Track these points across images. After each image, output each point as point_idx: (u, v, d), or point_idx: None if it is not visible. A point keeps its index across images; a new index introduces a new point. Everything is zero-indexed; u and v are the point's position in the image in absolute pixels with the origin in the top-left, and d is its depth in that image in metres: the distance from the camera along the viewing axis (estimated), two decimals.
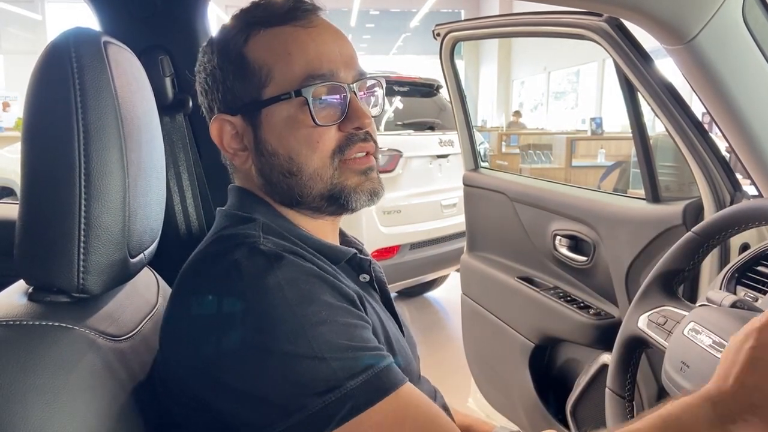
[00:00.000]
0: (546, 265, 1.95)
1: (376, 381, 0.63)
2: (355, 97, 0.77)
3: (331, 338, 0.63)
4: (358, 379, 0.62)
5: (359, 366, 0.63)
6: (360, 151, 0.78)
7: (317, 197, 0.78)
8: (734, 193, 1.37)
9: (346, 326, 0.65)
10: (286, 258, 0.68)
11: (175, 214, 1.25)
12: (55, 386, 0.59)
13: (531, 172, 7.18)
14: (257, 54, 0.76)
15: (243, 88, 0.77)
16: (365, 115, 0.77)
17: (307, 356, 0.62)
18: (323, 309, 0.65)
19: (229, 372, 0.63)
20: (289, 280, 0.65)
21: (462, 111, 2.30)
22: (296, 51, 0.75)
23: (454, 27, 2.09)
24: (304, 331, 0.62)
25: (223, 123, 0.79)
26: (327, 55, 0.76)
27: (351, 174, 0.77)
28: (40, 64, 0.68)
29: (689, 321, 0.91)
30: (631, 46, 1.42)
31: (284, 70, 0.75)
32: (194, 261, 0.73)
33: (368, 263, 0.85)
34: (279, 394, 0.61)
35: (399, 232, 3.63)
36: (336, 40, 0.78)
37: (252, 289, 0.64)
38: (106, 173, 0.68)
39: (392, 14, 17.05)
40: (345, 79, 0.77)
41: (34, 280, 0.69)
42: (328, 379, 0.61)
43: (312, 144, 0.75)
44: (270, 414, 0.61)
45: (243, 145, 0.79)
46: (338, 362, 0.62)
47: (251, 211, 0.78)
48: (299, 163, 0.76)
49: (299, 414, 0.60)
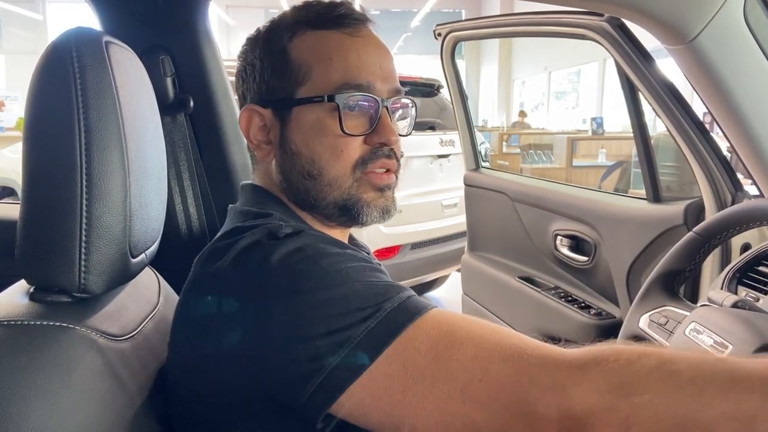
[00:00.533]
0: (547, 265, 1.95)
1: (411, 303, 0.62)
2: (386, 112, 0.77)
3: (357, 276, 0.64)
4: (393, 300, 0.62)
5: (390, 292, 0.63)
6: (382, 167, 0.78)
7: (331, 204, 0.78)
8: (735, 193, 1.37)
9: (368, 269, 0.66)
10: (306, 231, 0.68)
11: (176, 214, 1.25)
12: (56, 386, 0.59)
13: (532, 172, 7.17)
14: (299, 53, 0.77)
15: (279, 83, 0.77)
16: (393, 132, 0.77)
17: (339, 291, 0.61)
18: (345, 259, 0.66)
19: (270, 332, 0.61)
20: (308, 244, 0.66)
21: (463, 111, 2.30)
22: (337, 57, 0.76)
23: (455, 27, 2.09)
24: (329, 273, 0.63)
25: (252, 113, 0.79)
26: (367, 66, 0.76)
27: (368, 188, 0.78)
28: (41, 64, 0.68)
29: (690, 321, 0.91)
30: (632, 46, 1.42)
31: (322, 73, 0.75)
32: (208, 253, 0.71)
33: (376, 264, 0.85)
34: (322, 332, 0.59)
35: (400, 232, 3.63)
36: (379, 53, 0.78)
37: (274, 254, 0.64)
38: (107, 173, 0.68)
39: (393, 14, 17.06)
40: (380, 93, 0.77)
41: (36, 279, 0.69)
42: (365, 306, 0.60)
43: (336, 151, 0.76)
44: (317, 357, 0.59)
45: (268, 139, 0.80)
46: (370, 290, 0.62)
47: (266, 208, 0.78)
48: (320, 167, 0.76)
49: (345, 346, 0.59)
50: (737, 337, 0.82)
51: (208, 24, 1.25)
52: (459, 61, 2.30)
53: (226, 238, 0.71)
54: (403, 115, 0.85)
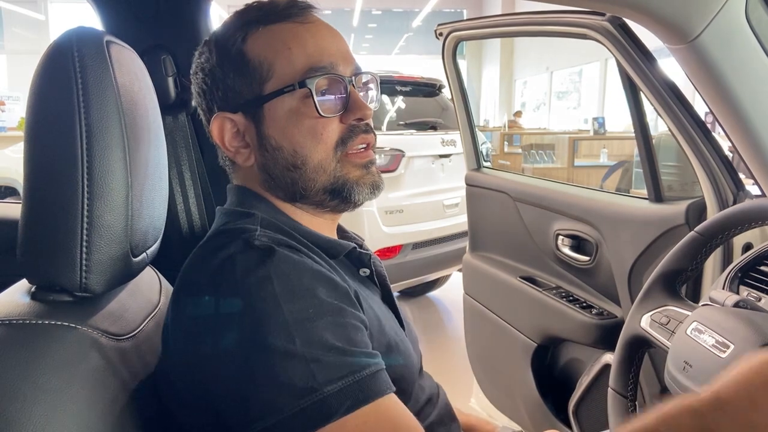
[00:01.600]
0: (548, 265, 1.95)
1: (356, 388, 0.61)
2: (354, 89, 0.79)
3: (316, 336, 0.62)
4: (337, 384, 0.60)
5: (340, 371, 0.61)
6: (362, 143, 0.79)
7: (320, 191, 0.79)
8: (737, 192, 1.37)
9: (334, 325, 0.64)
10: (279, 252, 0.67)
11: (178, 213, 1.25)
12: (58, 385, 0.59)
13: (533, 171, 7.17)
14: (257, 51, 0.77)
15: (244, 84, 0.78)
16: (366, 106, 0.79)
17: (288, 353, 0.60)
18: (312, 305, 0.64)
19: (219, 367, 0.62)
20: (280, 274, 0.65)
21: (464, 111, 2.30)
22: (296, 46, 0.77)
23: (457, 27, 2.08)
24: (288, 326, 0.61)
25: (223, 121, 0.79)
26: (326, 49, 0.78)
27: (352, 167, 0.79)
28: (43, 63, 0.68)
29: (692, 321, 0.91)
30: (633, 46, 1.42)
31: (285, 64, 0.76)
32: (193, 258, 0.73)
33: (368, 257, 0.85)
34: (258, 392, 0.60)
35: (401, 231, 3.63)
36: (332, 35, 0.80)
37: (243, 284, 0.64)
38: (108, 172, 0.68)
39: (394, 14, 17.05)
40: (344, 72, 0.78)
41: (37, 279, 0.69)
42: (306, 380, 0.59)
43: (316, 135, 0.77)
44: (249, 412, 0.60)
45: (245, 143, 0.80)
46: (318, 364, 0.60)
47: (250, 207, 0.79)
48: (303, 155, 0.77)
49: (275, 416, 0.59)
50: (739, 337, 0.82)
51: (209, 24, 1.25)
52: (460, 61, 2.30)
53: (209, 242, 0.73)
54: (367, 89, 0.85)
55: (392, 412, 0.63)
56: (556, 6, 1.50)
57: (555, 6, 1.50)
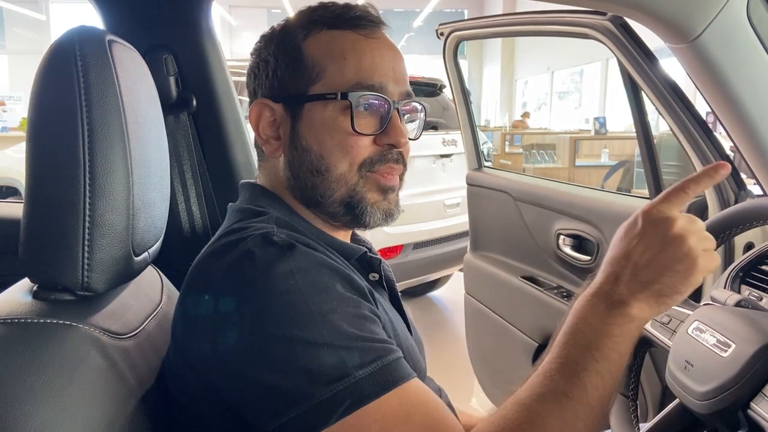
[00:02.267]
0: (549, 265, 1.95)
1: (385, 372, 0.63)
2: (397, 114, 0.78)
3: (341, 327, 0.63)
4: (366, 369, 0.62)
5: (368, 356, 0.62)
6: (389, 171, 0.79)
7: (336, 201, 0.79)
8: (738, 192, 1.37)
9: (356, 317, 0.65)
10: (299, 248, 0.68)
11: (180, 212, 1.25)
12: (60, 384, 0.60)
13: (534, 171, 7.17)
14: (314, 51, 0.78)
15: (292, 79, 0.78)
16: (403, 134, 0.78)
17: (317, 343, 0.61)
18: (334, 298, 0.65)
19: (240, 359, 0.63)
20: (301, 268, 0.65)
21: (465, 110, 2.30)
22: (352, 57, 0.77)
23: (458, 26, 2.09)
24: (314, 318, 0.62)
25: (263, 108, 0.80)
26: (380, 68, 0.78)
27: (373, 187, 0.78)
28: (44, 62, 0.68)
29: (693, 320, 0.91)
30: (635, 45, 1.42)
31: (336, 72, 0.77)
32: (207, 253, 0.73)
33: (378, 262, 0.85)
34: (287, 381, 0.61)
35: (402, 231, 3.62)
36: (392, 56, 0.80)
37: (264, 277, 0.64)
38: (110, 171, 0.68)
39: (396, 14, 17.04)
40: (392, 94, 0.78)
41: (39, 278, 0.69)
42: (337, 367, 0.61)
43: (345, 149, 0.77)
44: (278, 401, 0.61)
45: (277, 134, 0.80)
46: (347, 351, 0.62)
47: (264, 206, 0.78)
48: (329, 163, 0.77)
49: (306, 402, 0.60)
50: (740, 336, 0.82)
51: (210, 23, 1.25)
52: (462, 61, 2.30)
53: (222, 239, 0.72)
54: (411, 119, 0.86)
55: (422, 392, 0.65)
56: (558, 6, 1.50)
57: (556, 6, 1.50)
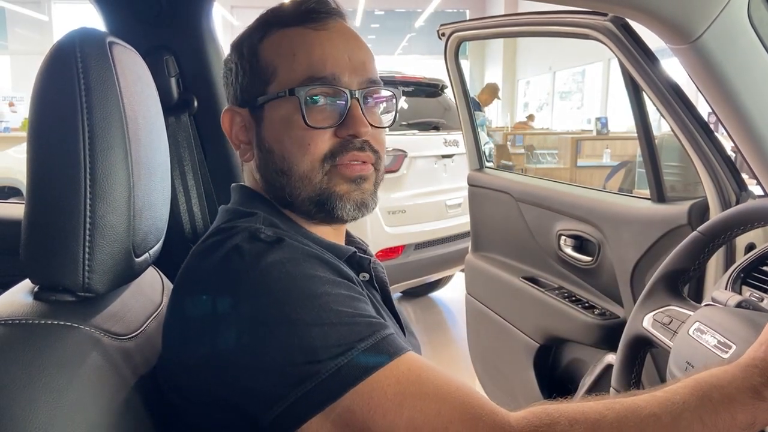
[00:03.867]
0: (551, 265, 1.95)
1: (385, 344, 0.63)
2: (357, 103, 0.77)
3: (336, 306, 0.64)
4: (368, 341, 0.62)
5: (369, 329, 0.63)
6: (354, 159, 0.77)
7: (306, 201, 0.78)
8: (740, 192, 1.37)
9: (348, 298, 0.66)
10: (286, 241, 0.69)
11: (181, 213, 1.25)
12: (61, 384, 0.60)
13: (536, 172, 7.16)
14: (268, 52, 0.78)
15: (252, 83, 0.79)
16: (363, 123, 0.76)
17: (316, 323, 0.62)
18: (325, 282, 0.66)
19: (239, 349, 0.62)
20: (290, 258, 0.66)
21: (467, 111, 2.30)
22: (301, 52, 0.76)
23: (459, 27, 2.09)
24: (309, 300, 0.63)
25: (233, 114, 0.82)
26: (333, 58, 0.76)
27: (340, 180, 0.77)
28: (45, 64, 0.68)
29: (694, 321, 0.91)
30: (636, 46, 1.42)
31: (287, 69, 0.77)
32: (195, 253, 0.73)
33: (368, 262, 0.85)
34: (291, 362, 0.61)
35: (404, 232, 3.63)
36: (348, 45, 0.78)
37: (254, 268, 0.65)
38: (111, 173, 0.68)
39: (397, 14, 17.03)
40: (348, 84, 0.77)
41: (40, 279, 0.69)
42: (339, 343, 0.61)
43: (303, 146, 0.76)
44: (283, 383, 0.61)
45: (248, 139, 0.82)
46: (346, 327, 0.63)
47: (253, 207, 0.79)
48: (290, 163, 0.77)
49: (313, 379, 0.60)
50: (741, 337, 0.82)
51: (212, 24, 1.25)
52: (463, 61, 2.30)
53: (209, 239, 0.73)
54: (387, 109, 0.85)
55: (421, 362, 0.65)
56: (559, 6, 1.50)
57: (557, 6, 1.50)
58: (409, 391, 0.61)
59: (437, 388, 0.62)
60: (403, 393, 0.60)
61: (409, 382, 0.61)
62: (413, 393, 0.61)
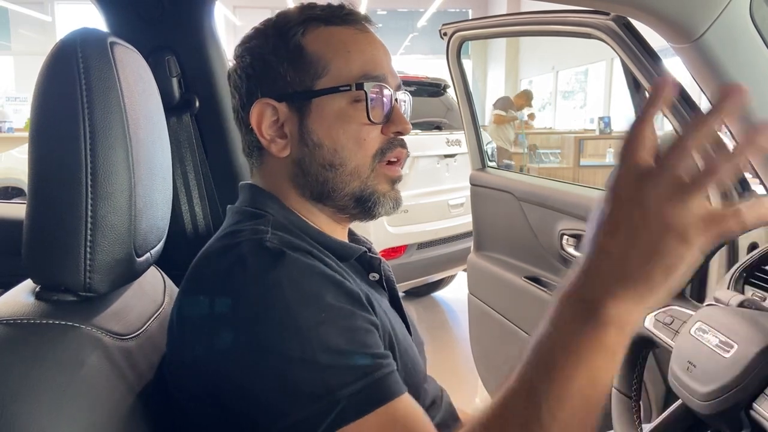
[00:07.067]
0: (553, 265, 1.95)
1: (369, 390, 0.61)
2: (397, 103, 0.81)
3: (328, 340, 0.62)
4: (350, 387, 0.60)
5: (354, 373, 0.61)
6: (397, 156, 0.81)
7: (348, 195, 0.79)
8: (742, 192, 1.36)
9: (345, 330, 0.64)
10: (290, 255, 0.67)
11: (182, 213, 1.25)
12: (62, 384, 0.60)
13: (539, 171, 7.15)
14: (316, 46, 0.78)
15: (296, 76, 0.78)
16: (407, 121, 0.81)
17: (300, 359, 0.61)
18: (323, 310, 0.64)
19: (229, 367, 0.63)
20: (291, 278, 0.65)
21: (469, 110, 2.30)
22: (355, 50, 0.79)
23: (461, 26, 2.09)
24: (299, 332, 0.62)
25: (265, 107, 0.79)
26: (380, 60, 0.80)
27: (383, 179, 0.80)
28: (47, 64, 0.69)
29: (696, 320, 0.91)
30: (638, 45, 1.41)
31: (342, 65, 0.78)
32: (202, 257, 0.73)
33: (378, 262, 0.85)
34: (271, 394, 0.61)
35: (406, 231, 3.62)
36: (384, 50, 0.83)
37: (253, 287, 0.64)
38: (112, 173, 0.68)
39: (400, 14, 17.03)
40: (391, 85, 0.80)
41: (41, 278, 0.69)
42: (319, 385, 0.60)
43: (359, 140, 0.78)
44: (265, 413, 0.61)
45: (282, 133, 0.80)
46: (331, 369, 0.61)
47: (262, 207, 0.79)
48: (343, 157, 0.78)
49: (289, 418, 0.60)
50: (742, 337, 0.82)
51: (213, 24, 1.25)
52: (465, 61, 2.30)
53: (218, 242, 0.73)
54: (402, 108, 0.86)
55: (409, 410, 0.63)
56: (561, 5, 1.50)
57: (560, 5, 1.50)
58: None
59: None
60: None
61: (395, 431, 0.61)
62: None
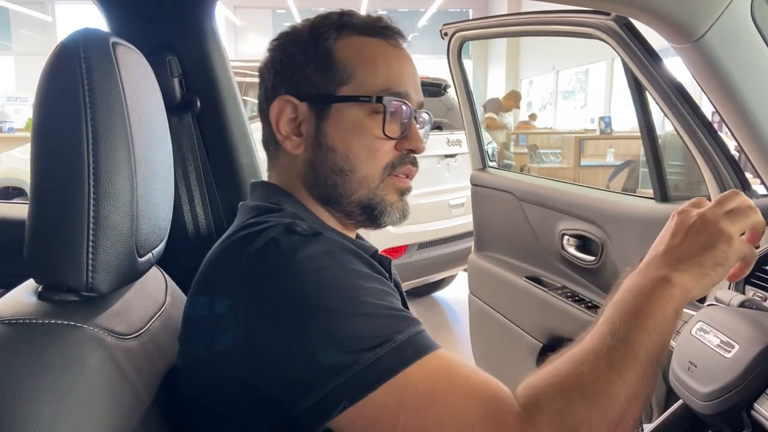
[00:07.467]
0: (554, 265, 1.95)
1: (420, 339, 0.64)
2: (415, 122, 0.82)
3: (373, 299, 0.65)
4: (404, 333, 0.63)
5: (405, 323, 0.64)
6: (408, 173, 0.83)
7: (355, 202, 0.81)
8: (743, 192, 1.36)
9: (383, 293, 0.67)
10: (323, 234, 0.69)
11: (184, 213, 1.25)
12: (64, 384, 0.60)
13: (539, 171, 7.15)
14: (345, 53, 0.80)
15: (322, 79, 0.80)
16: (422, 140, 0.83)
17: (355, 314, 0.63)
18: (361, 276, 0.67)
19: (276, 339, 0.62)
20: (327, 251, 0.67)
21: (469, 110, 2.30)
22: (382, 63, 0.80)
23: (462, 26, 2.09)
24: (347, 292, 0.64)
25: (285, 104, 0.81)
26: (406, 76, 0.81)
27: (392, 190, 0.81)
28: (49, 64, 0.69)
29: (697, 320, 0.91)
30: (639, 45, 1.41)
31: (367, 76, 0.79)
32: (222, 249, 0.72)
33: (388, 261, 0.86)
34: (330, 352, 0.61)
35: (407, 231, 3.62)
36: (413, 67, 0.84)
37: (291, 261, 0.65)
38: (114, 173, 0.68)
39: (400, 14, 17.02)
40: (413, 103, 0.81)
41: (44, 278, 0.69)
42: (377, 334, 0.62)
43: (372, 152, 0.79)
44: (321, 373, 0.61)
45: (298, 131, 0.81)
46: (384, 319, 0.64)
47: (279, 203, 0.79)
48: (353, 164, 0.79)
49: (350, 369, 0.60)
50: (743, 337, 0.82)
51: (215, 24, 1.25)
52: (466, 61, 2.30)
53: (238, 233, 0.71)
54: (421, 127, 0.88)
55: (451, 358, 0.66)
56: (562, 6, 1.50)
57: (560, 6, 1.50)
58: (439, 387, 0.61)
59: (467, 383, 0.63)
60: (433, 389, 0.61)
61: (440, 378, 0.62)
62: (443, 390, 0.61)
